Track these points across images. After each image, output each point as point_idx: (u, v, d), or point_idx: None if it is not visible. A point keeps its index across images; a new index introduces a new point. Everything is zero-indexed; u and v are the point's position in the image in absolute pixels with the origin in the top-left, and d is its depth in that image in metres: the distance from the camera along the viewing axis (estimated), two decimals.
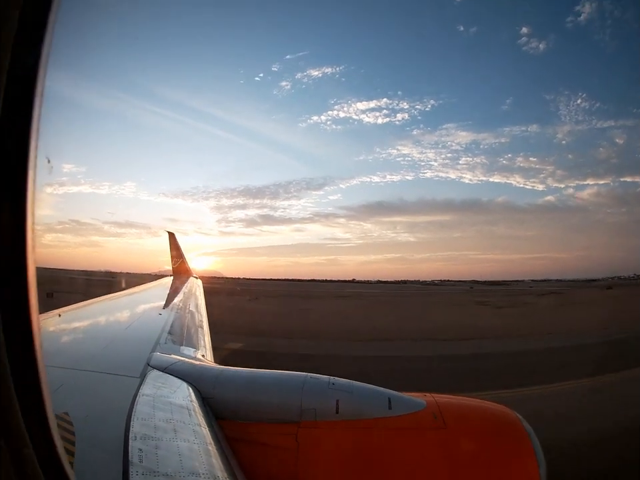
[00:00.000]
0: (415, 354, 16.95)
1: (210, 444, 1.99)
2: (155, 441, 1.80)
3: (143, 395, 2.29)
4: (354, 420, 2.39)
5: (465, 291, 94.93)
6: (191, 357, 3.59)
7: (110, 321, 5.09)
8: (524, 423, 2.41)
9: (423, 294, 74.47)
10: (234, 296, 47.33)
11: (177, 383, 2.64)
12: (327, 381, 2.60)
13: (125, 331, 4.22)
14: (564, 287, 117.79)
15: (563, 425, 8.15)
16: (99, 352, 3.21)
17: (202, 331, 5.27)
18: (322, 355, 15.30)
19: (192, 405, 2.35)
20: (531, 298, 58.27)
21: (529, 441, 2.29)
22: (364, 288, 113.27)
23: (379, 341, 20.03)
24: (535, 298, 58.16)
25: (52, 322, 4.23)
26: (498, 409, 2.61)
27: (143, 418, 1.98)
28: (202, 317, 6.38)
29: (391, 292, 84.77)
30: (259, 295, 53.74)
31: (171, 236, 13.82)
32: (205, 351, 4.21)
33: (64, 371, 2.56)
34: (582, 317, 29.93)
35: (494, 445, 2.35)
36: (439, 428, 2.34)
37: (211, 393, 2.58)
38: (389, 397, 2.49)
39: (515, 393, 10.58)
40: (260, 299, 47.86)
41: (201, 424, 2.16)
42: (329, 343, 18.71)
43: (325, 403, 2.43)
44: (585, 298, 53.99)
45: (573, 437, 7.64)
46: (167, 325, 4.52)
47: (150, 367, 2.85)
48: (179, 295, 8.29)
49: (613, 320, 25.43)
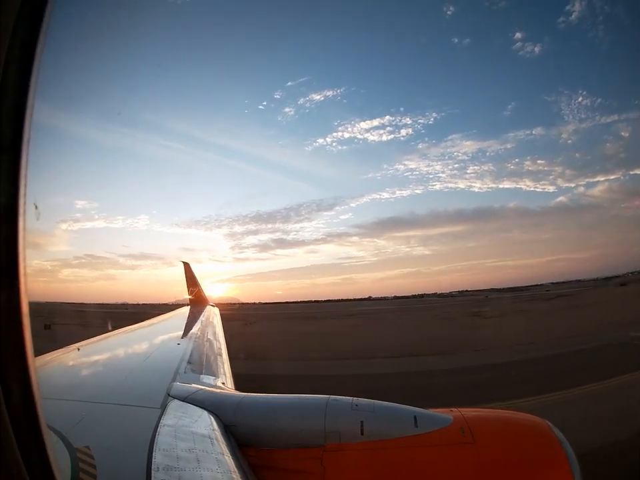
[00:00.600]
0: (338, 373, 16.28)
1: (234, 472, 1.96)
2: (177, 472, 1.78)
3: (164, 425, 2.28)
4: (380, 440, 2.33)
5: (475, 301, 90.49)
6: (211, 385, 3.57)
7: (129, 353, 5.13)
8: (555, 431, 2.33)
9: (423, 308, 72.29)
10: (232, 321, 47.32)
11: (198, 412, 2.62)
12: (349, 402, 2.56)
13: (145, 362, 4.22)
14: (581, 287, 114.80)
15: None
16: (119, 384, 3.22)
17: (221, 358, 5.24)
18: (258, 374, 14.00)
19: (214, 434, 2.32)
20: (532, 304, 56.41)
21: (562, 450, 2.21)
22: (377, 305, 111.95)
23: (331, 360, 19.86)
24: (538, 304, 56.26)
25: (71, 356, 4.30)
26: (527, 419, 2.54)
27: (164, 449, 1.97)
28: (220, 344, 6.36)
29: (398, 308, 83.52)
30: (261, 319, 53.41)
31: (186, 265, 13.94)
32: (225, 379, 4.18)
33: (84, 404, 2.58)
34: (560, 324, 28.82)
35: (526, 457, 2.27)
36: (467, 443, 2.27)
37: (233, 420, 2.55)
38: (414, 415, 2.44)
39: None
40: (258, 322, 47.56)
41: (223, 452, 2.13)
42: (278, 363, 18.54)
43: (349, 425, 2.38)
44: (589, 299, 52.59)
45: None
46: (186, 355, 4.51)
47: (170, 397, 2.84)
48: (197, 324, 8.29)
49: (591, 327, 24.81)
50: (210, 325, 8.26)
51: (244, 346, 19.75)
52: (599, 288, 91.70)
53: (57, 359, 4.15)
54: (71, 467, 1.74)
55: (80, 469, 1.73)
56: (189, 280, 13.59)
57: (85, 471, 1.72)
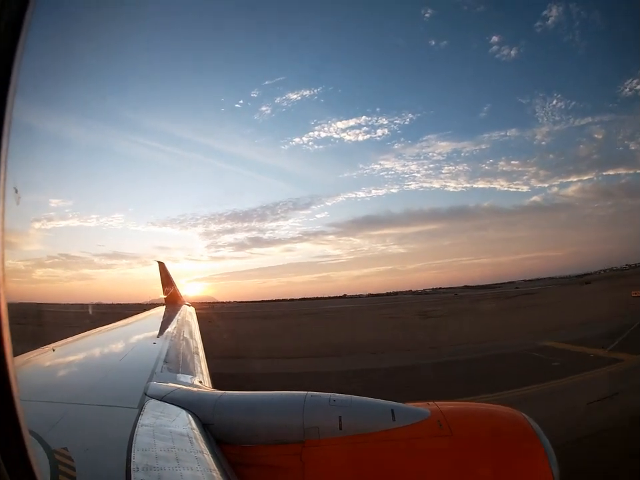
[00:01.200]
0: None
1: (214, 470, 1.96)
2: (157, 471, 1.78)
3: (143, 425, 2.26)
4: (358, 435, 2.37)
5: (441, 299, 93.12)
6: (189, 384, 3.55)
7: (105, 353, 5.03)
8: (532, 423, 2.39)
9: (384, 306, 73.57)
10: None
11: (175, 411, 2.61)
12: (327, 398, 2.59)
13: (121, 362, 4.15)
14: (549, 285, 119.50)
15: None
16: (95, 385, 3.16)
17: (198, 357, 5.21)
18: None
19: (192, 432, 2.32)
20: (488, 303, 58.60)
21: (539, 441, 2.27)
22: (347, 303, 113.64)
23: (218, 358, 19.79)
24: (494, 302, 58.49)
25: (46, 357, 4.18)
26: (504, 411, 2.60)
27: (143, 448, 1.95)
28: (197, 343, 6.31)
29: (361, 306, 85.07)
30: (223, 318, 52.76)
31: (161, 265, 13.73)
32: (202, 377, 4.16)
33: (61, 405, 2.53)
34: (489, 327, 29.09)
35: (502, 448, 2.32)
36: (445, 436, 2.32)
37: (211, 418, 2.55)
38: (392, 409, 2.48)
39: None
40: (215, 322, 46.48)
41: (203, 451, 2.13)
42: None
43: (327, 420, 2.41)
44: (548, 299, 54.36)
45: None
46: (162, 354, 4.47)
47: (147, 397, 2.81)
48: (173, 323, 8.19)
49: (514, 332, 24.78)
50: (186, 324, 8.16)
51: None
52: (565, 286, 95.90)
53: (31, 360, 4.03)
54: (50, 469, 1.72)
55: (59, 471, 1.71)
56: (164, 279, 13.41)
57: (63, 472, 1.70)
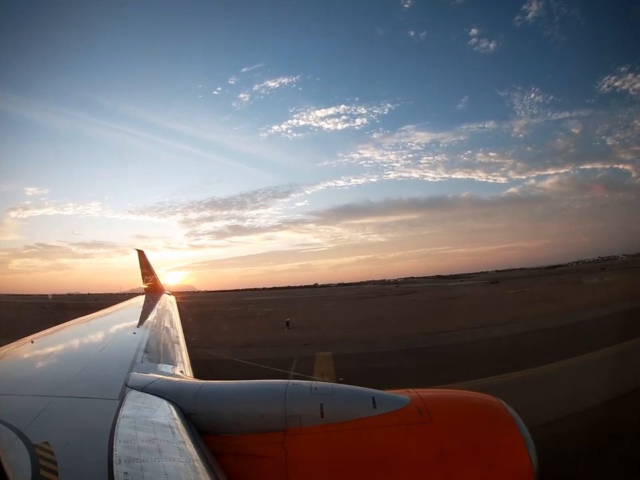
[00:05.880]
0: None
1: (196, 460, 1.97)
2: (140, 463, 1.77)
3: (123, 416, 2.24)
4: (340, 422, 2.40)
5: (402, 290, 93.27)
6: (170, 374, 3.52)
7: (84, 344, 4.91)
8: (509, 409, 2.47)
9: (326, 298, 75.93)
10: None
11: (157, 402, 2.59)
12: (308, 386, 2.62)
13: (100, 353, 4.07)
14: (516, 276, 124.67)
15: None
16: (75, 376, 3.09)
17: (179, 346, 5.16)
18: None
19: (174, 423, 2.32)
20: (439, 292, 63.06)
21: (516, 427, 2.34)
22: (314, 293, 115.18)
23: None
24: (443, 292, 62.74)
25: (25, 349, 4.06)
26: (482, 398, 2.66)
27: (125, 440, 1.94)
28: (178, 332, 6.24)
29: (317, 296, 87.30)
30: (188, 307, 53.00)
31: (140, 253, 13.40)
32: (183, 367, 4.13)
33: (41, 398, 2.47)
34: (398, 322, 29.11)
35: (480, 434, 2.37)
36: (425, 422, 2.37)
37: (193, 408, 2.55)
38: (372, 396, 2.52)
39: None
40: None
41: (185, 441, 2.13)
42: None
43: (309, 409, 2.44)
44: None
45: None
46: (143, 344, 4.41)
47: (128, 388, 2.78)
48: (153, 313, 8.08)
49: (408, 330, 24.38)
50: (166, 313, 8.06)
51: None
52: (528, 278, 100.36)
53: (9, 352, 3.90)
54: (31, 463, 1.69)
55: (40, 466, 1.68)
56: (144, 268, 13.14)
57: (45, 467, 1.67)
